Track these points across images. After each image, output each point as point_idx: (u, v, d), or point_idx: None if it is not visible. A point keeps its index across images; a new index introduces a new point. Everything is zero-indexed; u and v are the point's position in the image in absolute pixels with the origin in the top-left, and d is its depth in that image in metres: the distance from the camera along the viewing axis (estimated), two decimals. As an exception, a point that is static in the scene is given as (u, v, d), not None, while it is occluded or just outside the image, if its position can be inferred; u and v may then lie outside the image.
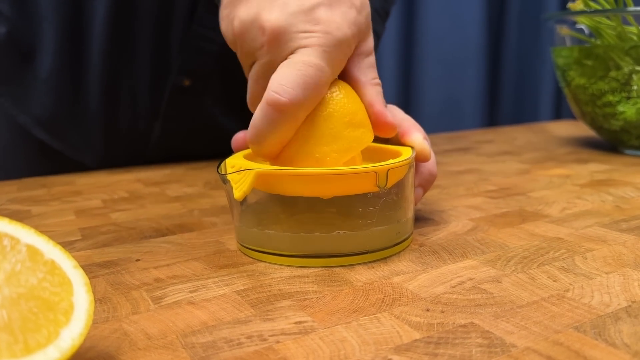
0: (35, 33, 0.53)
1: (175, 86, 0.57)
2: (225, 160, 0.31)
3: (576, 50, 0.61)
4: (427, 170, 0.35)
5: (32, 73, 0.54)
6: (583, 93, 0.61)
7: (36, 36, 0.53)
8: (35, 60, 0.53)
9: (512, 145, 0.69)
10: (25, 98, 0.55)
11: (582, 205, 0.39)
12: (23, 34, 0.53)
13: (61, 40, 0.53)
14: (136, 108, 0.57)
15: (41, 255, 0.19)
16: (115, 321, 0.23)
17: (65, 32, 0.53)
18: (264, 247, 0.30)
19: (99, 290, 0.27)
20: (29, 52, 0.53)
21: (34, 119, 0.55)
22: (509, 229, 0.34)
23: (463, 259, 0.29)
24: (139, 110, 0.58)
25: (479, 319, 0.22)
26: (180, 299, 0.25)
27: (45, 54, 0.53)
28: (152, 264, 0.30)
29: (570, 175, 0.50)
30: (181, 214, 0.40)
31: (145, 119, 0.58)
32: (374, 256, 0.29)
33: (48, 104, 0.55)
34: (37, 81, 0.54)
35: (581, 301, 0.24)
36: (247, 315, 0.23)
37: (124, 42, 0.54)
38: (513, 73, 1.51)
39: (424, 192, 0.35)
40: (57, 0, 0.52)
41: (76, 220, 0.39)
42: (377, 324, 0.22)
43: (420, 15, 1.35)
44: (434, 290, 0.25)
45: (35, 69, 0.54)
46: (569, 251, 0.30)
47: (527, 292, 0.25)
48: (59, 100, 0.55)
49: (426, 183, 0.35)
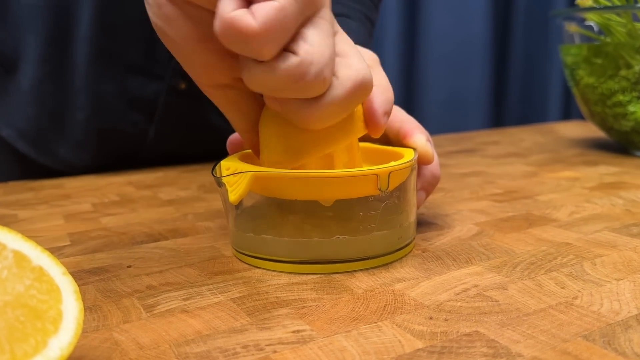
0: (17, 44, 0.53)
1: (171, 89, 0.57)
2: (220, 162, 0.31)
3: (585, 48, 0.61)
4: (429, 173, 0.35)
5: (14, 84, 0.54)
6: (592, 92, 0.61)
7: (18, 47, 0.53)
8: (17, 72, 0.53)
9: (519, 147, 0.69)
10: (8, 110, 0.55)
11: (591, 209, 0.40)
12: (4, 46, 0.53)
13: (44, 49, 0.53)
14: (128, 114, 0.57)
15: (28, 261, 0.19)
16: (106, 330, 0.23)
17: (49, 40, 0.53)
18: (260, 252, 0.30)
19: (88, 298, 0.27)
20: (11, 64, 0.53)
21: (17, 131, 0.55)
22: (515, 233, 0.35)
23: (467, 265, 0.29)
24: (132, 116, 0.58)
25: (484, 328, 0.22)
26: (173, 307, 0.25)
27: (27, 64, 0.53)
28: (144, 270, 0.30)
29: (579, 178, 0.50)
30: (174, 218, 0.40)
31: (138, 124, 0.58)
32: (375, 262, 0.29)
33: (32, 116, 0.55)
34: (20, 92, 0.54)
35: (590, 309, 0.24)
36: (243, 324, 0.23)
37: (111, 47, 0.54)
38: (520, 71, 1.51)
39: (426, 196, 0.35)
40: (40, 8, 0.52)
41: (65, 224, 0.39)
42: (378, 332, 0.22)
43: (423, 10, 1.35)
44: (437, 297, 0.25)
45: (17, 80, 0.54)
46: (577, 257, 0.30)
47: (534, 299, 0.25)
48: (43, 110, 0.54)
49: (429, 186, 0.35)
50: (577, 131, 0.83)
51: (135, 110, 0.57)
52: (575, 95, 0.66)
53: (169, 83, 0.57)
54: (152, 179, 0.54)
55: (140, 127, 0.58)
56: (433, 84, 1.40)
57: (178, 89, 0.57)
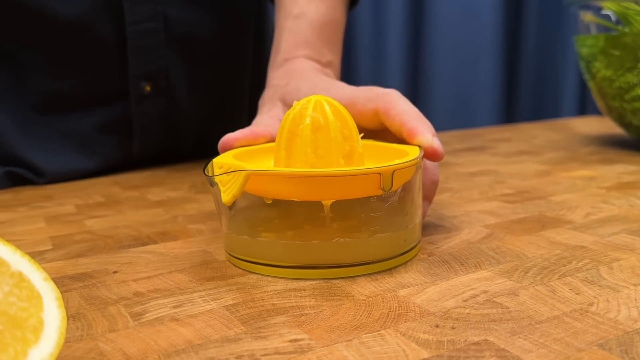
0: None
1: (138, 96, 0.57)
2: (212, 160, 0.31)
3: (602, 38, 0.61)
4: (428, 180, 0.34)
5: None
6: (609, 86, 0.61)
7: None
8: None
9: (531, 144, 0.69)
10: None
11: (608, 210, 0.40)
12: None
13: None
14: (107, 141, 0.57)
15: (7, 266, 0.19)
16: (90, 340, 0.23)
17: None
18: (255, 257, 0.30)
19: (72, 305, 0.27)
20: None
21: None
22: (527, 236, 0.35)
23: (476, 269, 0.30)
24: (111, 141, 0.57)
25: (494, 336, 0.22)
26: (162, 315, 0.25)
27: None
28: (131, 276, 0.30)
29: (595, 177, 0.50)
30: (164, 220, 0.40)
31: (120, 146, 0.58)
32: (377, 267, 0.29)
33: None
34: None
35: (606, 316, 0.24)
36: (237, 332, 0.23)
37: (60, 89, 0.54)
38: (532, 64, 1.51)
39: (429, 204, 0.35)
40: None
41: (47, 228, 0.39)
42: (381, 341, 0.22)
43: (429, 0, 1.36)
44: (444, 304, 0.26)
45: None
46: (593, 261, 0.30)
47: (547, 306, 0.25)
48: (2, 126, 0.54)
49: (429, 193, 0.35)
50: (593, 127, 0.83)
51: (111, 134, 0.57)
52: (591, 89, 0.67)
53: (133, 90, 0.56)
54: (140, 178, 0.55)
55: (122, 145, 0.58)
56: (440, 78, 1.40)
57: (144, 93, 0.57)
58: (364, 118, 0.35)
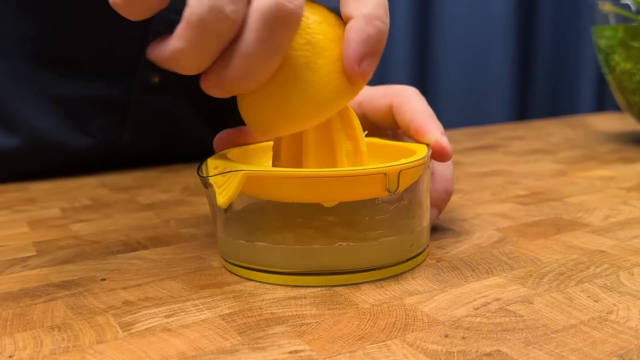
0: None
1: (143, 85, 0.57)
2: (207, 160, 0.31)
3: (621, 29, 0.61)
4: (442, 188, 0.35)
5: None
6: (629, 80, 0.61)
7: None
8: None
9: (546, 143, 0.69)
10: None
11: (628, 213, 0.40)
12: None
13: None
14: (95, 117, 0.57)
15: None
16: (77, 352, 0.23)
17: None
18: (252, 263, 0.30)
19: (57, 315, 0.27)
20: None
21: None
22: (542, 240, 0.35)
23: (488, 276, 0.30)
24: (100, 122, 0.58)
25: (507, 347, 0.23)
26: (153, 325, 0.25)
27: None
28: (121, 284, 0.30)
29: (615, 177, 0.50)
30: (155, 224, 0.40)
31: (109, 130, 0.58)
32: (383, 273, 0.29)
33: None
34: None
35: (627, 325, 0.24)
36: (233, 343, 0.23)
37: (59, 49, 0.54)
38: (547, 57, 1.51)
39: (439, 213, 0.35)
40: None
41: (30, 232, 0.39)
42: (387, 352, 0.22)
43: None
44: (453, 312, 0.26)
45: None
46: (612, 266, 0.30)
47: (564, 314, 0.25)
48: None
49: (441, 202, 0.35)
50: (613, 124, 0.83)
51: (102, 117, 0.58)
52: (610, 84, 0.67)
53: (140, 78, 0.57)
54: (130, 180, 0.55)
55: (111, 135, 0.58)
56: (448, 71, 1.40)
57: (151, 83, 0.57)
58: (379, 113, 0.37)
